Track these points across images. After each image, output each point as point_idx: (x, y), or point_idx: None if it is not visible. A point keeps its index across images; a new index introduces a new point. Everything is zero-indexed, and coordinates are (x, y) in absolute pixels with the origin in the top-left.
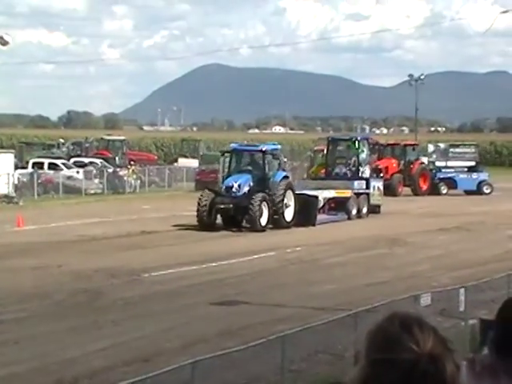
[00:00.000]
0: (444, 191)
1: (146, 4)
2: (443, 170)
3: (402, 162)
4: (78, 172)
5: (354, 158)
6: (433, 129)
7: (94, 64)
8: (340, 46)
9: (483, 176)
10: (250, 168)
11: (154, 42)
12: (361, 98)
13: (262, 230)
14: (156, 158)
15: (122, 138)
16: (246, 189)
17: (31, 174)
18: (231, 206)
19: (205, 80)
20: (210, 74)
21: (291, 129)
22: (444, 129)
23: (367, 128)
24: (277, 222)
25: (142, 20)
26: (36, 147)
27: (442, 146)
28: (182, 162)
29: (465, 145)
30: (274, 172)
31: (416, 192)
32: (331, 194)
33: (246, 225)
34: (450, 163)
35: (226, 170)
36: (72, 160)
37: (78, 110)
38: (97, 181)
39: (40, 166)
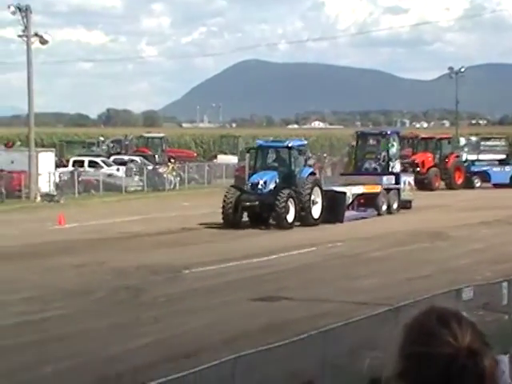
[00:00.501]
0: (477, 185)
1: (183, 1)
2: (477, 164)
3: (438, 155)
4: (118, 170)
5: (383, 153)
6: (474, 122)
7: (133, 62)
8: (379, 40)
9: None
10: (275, 164)
11: (192, 39)
12: (400, 92)
13: (289, 227)
14: (195, 154)
15: (162, 135)
16: (271, 186)
17: (72, 173)
18: (257, 203)
19: (243, 76)
20: (249, 70)
21: (330, 124)
22: (485, 121)
23: (407, 122)
24: (304, 219)
25: (179, 17)
26: (76, 145)
27: (473, 139)
28: (222, 158)
29: (495, 138)
30: (301, 168)
31: (451, 186)
32: (360, 189)
33: (272, 222)
34: (481, 156)
35: (252, 167)
36: (112, 158)
37: (118, 108)
38: (137, 178)
39: (80, 164)
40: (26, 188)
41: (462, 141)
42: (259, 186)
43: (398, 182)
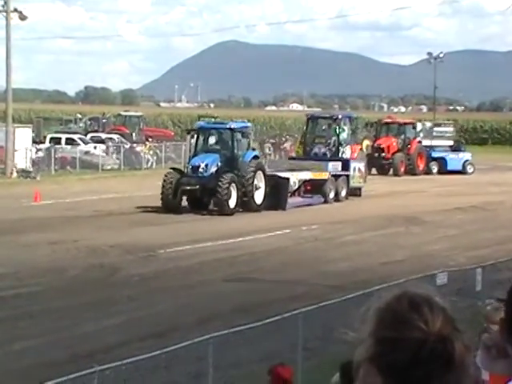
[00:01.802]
0: (434, 171)
1: None
2: (436, 149)
3: (401, 140)
4: (95, 147)
5: (334, 138)
6: (451, 108)
7: (112, 40)
8: (358, 24)
9: (467, 156)
10: (217, 147)
11: (171, 19)
12: (379, 76)
13: (231, 213)
14: (173, 134)
15: (139, 114)
16: (213, 169)
17: (48, 149)
18: (197, 187)
19: (222, 57)
20: (228, 51)
21: (308, 106)
22: (463, 108)
23: (385, 106)
24: (246, 204)
25: None
26: (53, 122)
27: (427, 124)
28: None
29: (445, 124)
30: (244, 151)
31: (414, 172)
32: (307, 175)
33: (213, 207)
34: (433, 142)
35: (193, 150)
36: (89, 135)
37: (96, 86)
38: (114, 156)
39: (57, 141)
40: (2, 164)
41: (419, 126)
42: (200, 170)
43: (347, 168)
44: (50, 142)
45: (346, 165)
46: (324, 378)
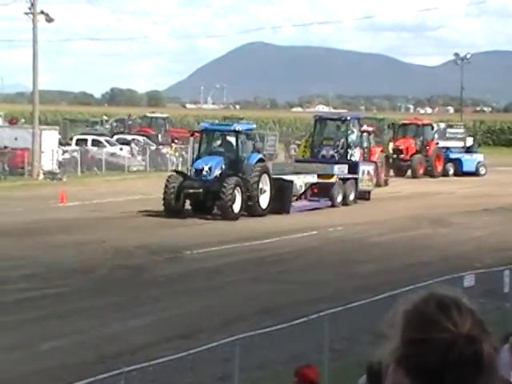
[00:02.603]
0: (450, 172)
1: None
2: (453, 151)
3: (419, 142)
4: (121, 149)
5: (342, 140)
6: (478, 108)
7: (138, 41)
8: (384, 25)
9: (480, 157)
10: (222, 150)
11: (196, 20)
12: (405, 77)
13: (235, 218)
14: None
15: (165, 115)
16: (217, 172)
17: (75, 151)
18: (201, 190)
19: (248, 58)
20: (254, 52)
21: (334, 108)
22: (490, 109)
23: (411, 107)
24: (251, 208)
25: None
26: (80, 124)
27: (441, 125)
28: None
29: (457, 125)
30: (249, 154)
31: (432, 173)
32: (314, 178)
33: (217, 211)
34: (447, 143)
35: (197, 152)
36: (115, 137)
37: (122, 88)
38: (139, 158)
39: (84, 142)
40: (29, 165)
41: (434, 127)
42: (203, 173)
43: (355, 171)
44: (76, 144)
45: (354, 167)
46: (351, 379)
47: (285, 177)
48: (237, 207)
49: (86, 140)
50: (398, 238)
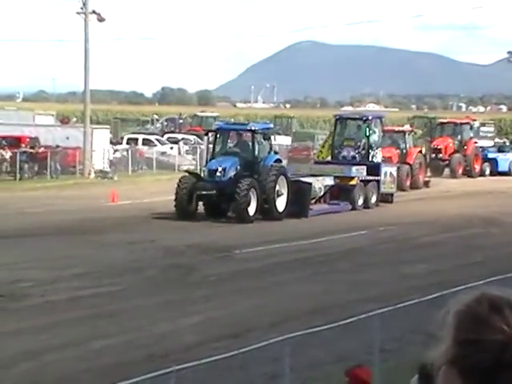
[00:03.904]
0: (487, 172)
1: None
2: (490, 150)
3: (457, 141)
4: (171, 148)
5: (363, 141)
6: None
7: (189, 41)
8: (436, 23)
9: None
10: (237, 150)
11: (247, 19)
12: (457, 76)
13: (250, 221)
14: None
15: (216, 114)
16: (231, 173)
17: (126, 150)
18: (214, 192)
19: (298, 57)
20: (304, 51)
21: (385, 107)
22: None
23: (463, 106)
24: (267, 212)
25: None
26: (131, 123)
27: (475, 124)
28: (276, 139)
29: (488, 123)
30: (265, 155)
31: (470, 173)
32: (334, 181)
33: (231, 214)
34: (480, 142)
35: (211, 152)
36: (165, 136)
37: (172, 87)
38: (190, 157)
39: (134, 141)
40: (81, 164)
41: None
42: (217, 174)
43: (377, 173)
44: (127, 143)
45: (376, 169)
46: (403, 379)
47: (303, 179)
48: (252, 210)
49: (136, 139)
50: (449, 237)
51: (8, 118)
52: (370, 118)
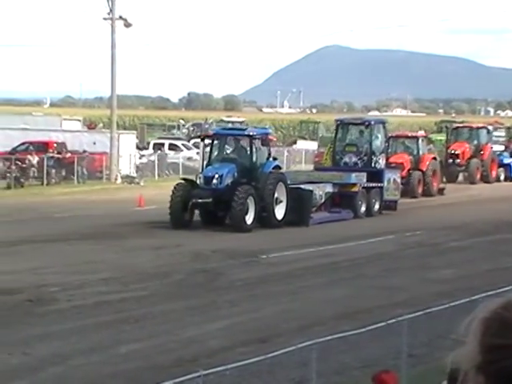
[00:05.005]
0: (502, 177)
1: None
2: (505, 155)
3: (473, 146)
4: (197, 153)
5: (366, 146)
6: None
7: (214, 45)
8: (463, 27)
9: None
10: (234, 156)
11: (273, 24)
12: (485, 80)
13: (247, 229)
14: (275, 139)
15: (242, 119)
16: (228, 180)
17: (152, 155)
18: (210, 200)
19: (325, 61)
20: (331, 56)
21: (412, 111)
22: None
23: (491, 110)
24: (265, 220)
25: None
26: (157, 128)
27: (490, 128)
28: (301, 144)
29: (500, 128)
30: (264, 161)
31: (487, 179)
32: (335, 188)
33: (229, 223)
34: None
35: (207, 158)
36: (192, 141)
37: (199, 92)
38: None
39: (161, 147)
40: (107, 169)
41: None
42: (214, 181)
43: (380, 179)
44: (153, 148)
45: (379, 176)
46: None
47: (303, 186)
48: (250, 218)
49: (162, 144)
50: (477, 242)
51: (35, 124)
52: (372, 122)
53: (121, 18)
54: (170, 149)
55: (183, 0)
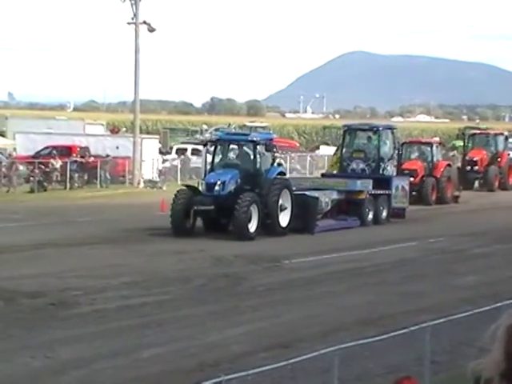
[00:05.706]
0: None
1: None
2: None
3: (491, 153)
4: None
5: (374, 152)
6: None
7: (237, 50)
8: (488, 33)
9: None
10: (237, 162)
11: (297, 29)
12: (509, 86)
13: (250, 237)
14: (298, 145)
15: (264, 124)
16: (231, 187)
17: (175, 160)
18: (212, 207)
19: (348, 67)
20: (354, 61)
21: (436, 117)
22: None
23: None
24: (269, 227)
25: None
26: (180, 133)
27: (505, 134)
28: (324, 149)
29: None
30: (268, 167)
31: (505, 186)
32: (341, 194)
33: (232, 230)
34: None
35: (210, 164)
36: None
37: (221, 97)
38: None
39: (183, 151)
40: (130, 174)
41: None
42: (216, 188)
43: (388, 186)
44: (176, 153)
45: (387, 183)
46: None
47: (309, 193)
48: (253, 226)
49: (185, 149)
50: (501, 249)
51: (58, 128)
52: (380, 129)
53: (145, 22)
54: (192, 154)
55: (207, 5)
